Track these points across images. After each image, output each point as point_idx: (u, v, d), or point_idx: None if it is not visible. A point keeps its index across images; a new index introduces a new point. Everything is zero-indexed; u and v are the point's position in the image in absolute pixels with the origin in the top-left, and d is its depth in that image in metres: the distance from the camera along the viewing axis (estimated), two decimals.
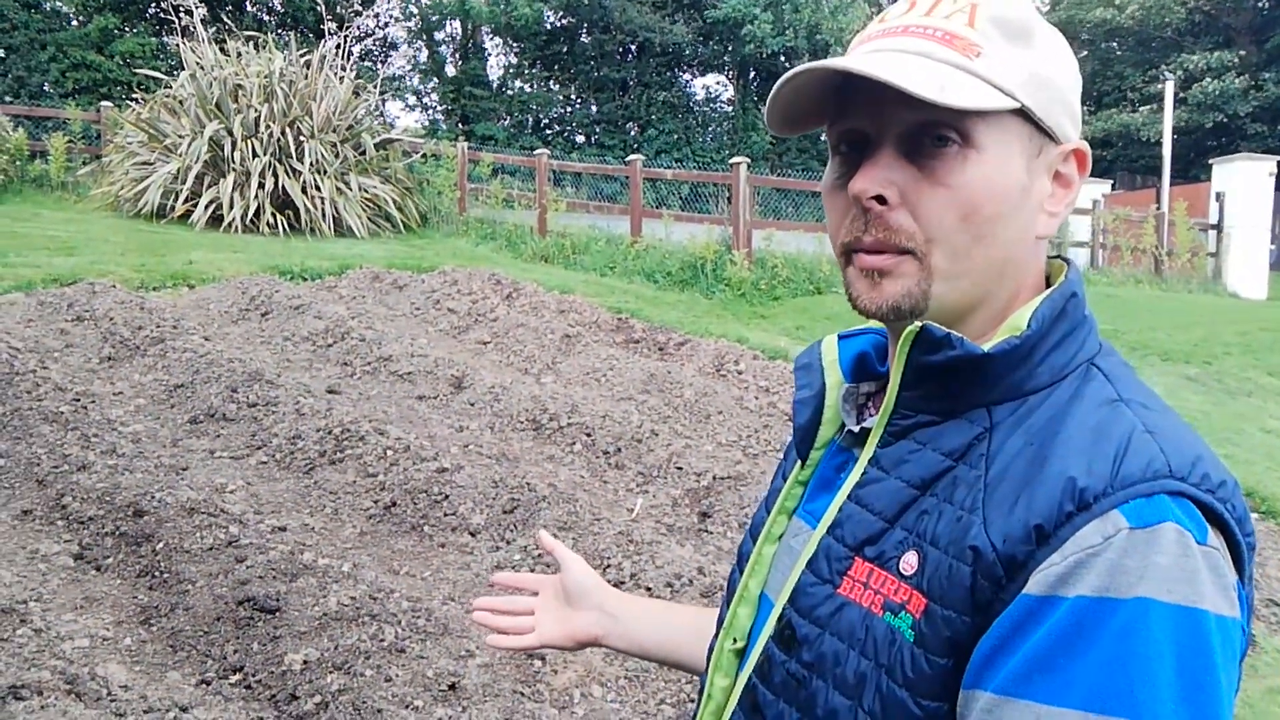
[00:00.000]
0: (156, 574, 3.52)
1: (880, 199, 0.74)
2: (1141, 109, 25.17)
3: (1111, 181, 21.48)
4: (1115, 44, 28.38)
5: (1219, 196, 15.55)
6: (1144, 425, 0.69)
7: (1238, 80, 23.81)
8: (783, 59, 27.02)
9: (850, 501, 0.78)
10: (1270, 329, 10.30)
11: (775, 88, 0.75)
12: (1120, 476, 0.65)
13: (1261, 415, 7.15)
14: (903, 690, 0.69)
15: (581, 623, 1.13)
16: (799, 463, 0.88)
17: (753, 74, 28.25)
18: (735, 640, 0.88)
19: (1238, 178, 15.44)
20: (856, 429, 0.83)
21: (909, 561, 0.71)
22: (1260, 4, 26.11)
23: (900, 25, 0.75)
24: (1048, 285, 0.80)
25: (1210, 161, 16.70)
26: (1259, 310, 12.45)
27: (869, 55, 0.73)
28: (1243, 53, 25.05)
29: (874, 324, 0.87)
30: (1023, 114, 0.73)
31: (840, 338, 0.91)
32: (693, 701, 3.06)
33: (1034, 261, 0.79)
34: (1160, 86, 18.72)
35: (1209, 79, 24.01)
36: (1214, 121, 24.25)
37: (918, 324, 0.73)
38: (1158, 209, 15.60)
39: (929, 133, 0.72)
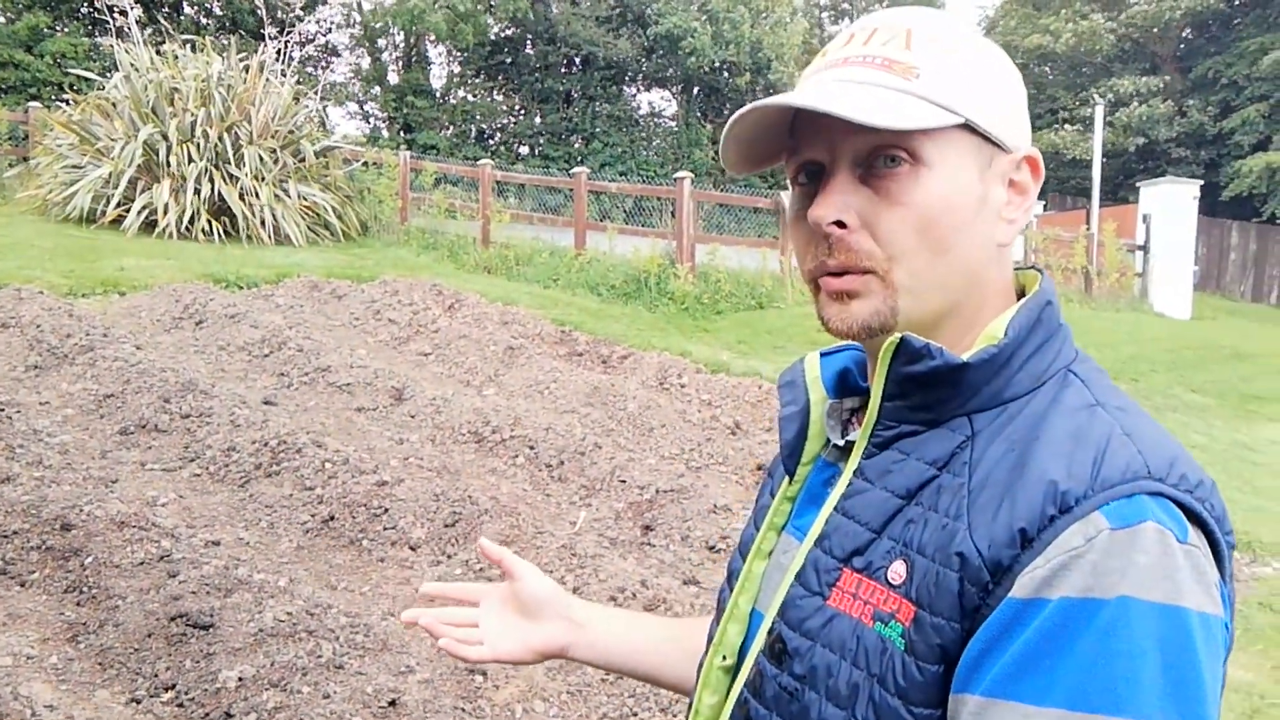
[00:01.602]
0: (85, 589, 3.42)
1: (839, 223, 0.75)
2: (1071, 129, 25.90)
3: (1043, 202, 22.05)
4: (1048, 68, 29.19)
5: (1145, 218, 16.04)
6: (1121, 428, 0.70)
7: (1163, 105, 24.65)
8: (725, 74, 27.28)
9: (837, 513, 0.79)
10: (1194, 347, 10.66)
11: (725, 130, 0.78)
12: (1100, 478, 0.66)
13: (1186, 431, 7.39)
14: (895, 699, 0.70)
15: (544, 634, 1.06)
16: (787, 479, 0.89)
17: (696, 90, 28.46)
18: (725, 657, 0.88)
19: (1163, 200, 15.95)
20: (841, 442, 0.84)
21: (897, 571, 0.72)
22: (1185, 34, 27.07)
23: (841, 57, 0.78)
24: (1020, 295, 0.82)
25: (1137, 184, 17.24)
26: (1183, 329, 12.88)
27: (814, 89, 0.76)
28: (1167, 79, 25.94)
29: None
30: (968, 127, 0.75)
31: (822, 354, 0.92)
32: (635, 716, 3.06)
33: (1000, 270, 0.80)
34: (1090, 110, 19.29)
35: (1136, 102, 24.81)
36: (1140, 144, 25.04)
37: (897, 335, 0.74)
38: (1088, 230, 16.04)
39: (879, 155, 0.74)
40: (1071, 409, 0.72)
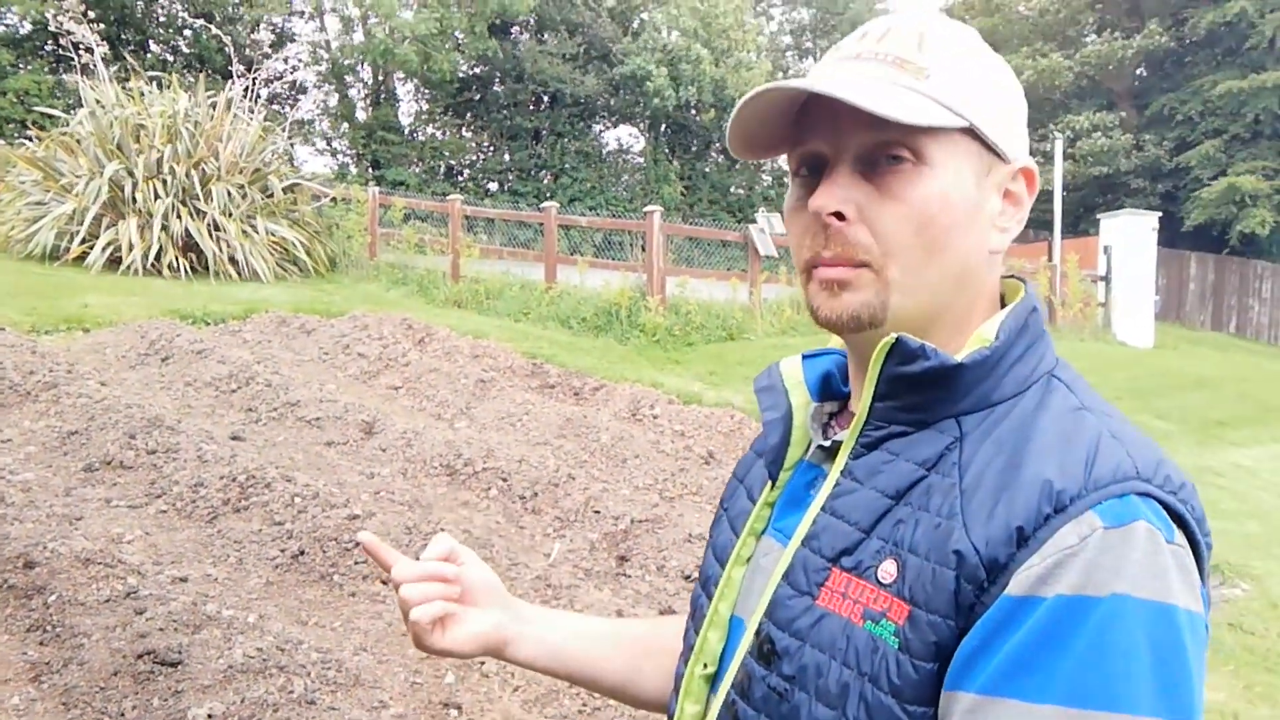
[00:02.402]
0: (48, 628, 3.34)
1: (839, 215, 0.76)
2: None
3: None
4: None
5: (1107, 250, 16.31)
6: (1109, 431, 0.72)
7: (1122, 137, 25.20)
8: (692, 112, 27.54)
9: (824, 513, 0.79)
10: (1157, 375, 10.82)
11: (735, 110, 0.79)
12: (1093, 479, 0.67)
13: None
14: (889, 698, 0.70)
15: (486, 622, 0.97)
16: (769, 484, 0.88)
17: (664, 127, 28.70)
18: (706, 665, 0.87)
19: (1123, 232, 16.23)
20: (827, 444, 0.84)
21: (887, 570, 0.72)
22: (1139, 72, 27.75)
23: (854, 53, 0.79)
24: (1003, 303, 0.84)
25: (1098, 216, 17.54)
26: (1146, 357, 13.08)
27: (825, 79, 0.77)
28: (1124, 114, 26.54)
29: (835, 343, 0.89)
30: (971, 133, 0.76)
31: (805, 357, 0.92)
32: None
33: (989, 277, 0.82)
34: (1050, 145, 19.68)
35: (1097, 134, 25.36)
36: (1099, 174, 25.52)
37: (893, 335, 0.75)
38: (1050, 261, 16.27)
39: (883, 151, 0.75)
40: (1060, 412, 0.74)
